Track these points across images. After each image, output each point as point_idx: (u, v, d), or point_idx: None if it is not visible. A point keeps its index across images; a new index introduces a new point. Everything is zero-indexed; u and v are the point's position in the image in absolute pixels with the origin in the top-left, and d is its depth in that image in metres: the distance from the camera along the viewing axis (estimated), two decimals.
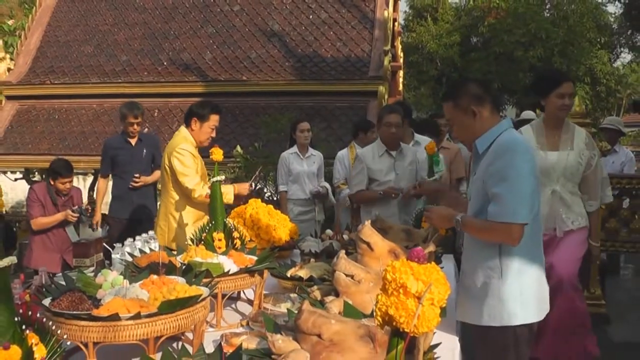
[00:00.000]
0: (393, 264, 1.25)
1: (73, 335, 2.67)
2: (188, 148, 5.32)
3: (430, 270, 1.23)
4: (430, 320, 1.21)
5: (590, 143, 5.28)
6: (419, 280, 1.21)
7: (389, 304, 1.22)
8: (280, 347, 2.17)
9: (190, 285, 3.10)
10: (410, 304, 1.21)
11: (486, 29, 27.00)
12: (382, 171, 5.99)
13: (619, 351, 6.19)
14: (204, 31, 13.21)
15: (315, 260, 4.41)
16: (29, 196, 6.97)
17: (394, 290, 1.22)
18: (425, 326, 1.21)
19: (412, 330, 1.21)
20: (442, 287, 1.22)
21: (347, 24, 12.68)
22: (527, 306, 3.37)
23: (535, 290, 3.42)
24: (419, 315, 1.20)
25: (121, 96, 12.11)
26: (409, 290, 1.21)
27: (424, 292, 1.20)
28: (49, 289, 3.13)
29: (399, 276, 1.22)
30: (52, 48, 13.58)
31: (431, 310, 1.20)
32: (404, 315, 1.21)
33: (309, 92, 11.81)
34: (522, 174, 3.24)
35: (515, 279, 3.34)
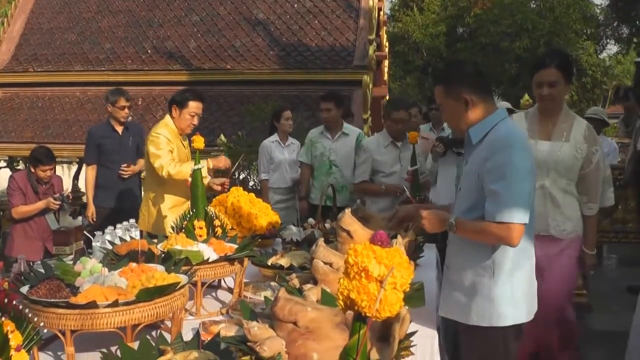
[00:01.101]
0: (355, 247, 1.24)
1: (51, 323, 2.66)
2: (163, 132, 5.39)
3: (392, 254, 1.22)
4: (392, 304, 1.20)
5: (591, 137, 4.50)
6: (382, 264, 1.20)
7: (350, 288, 1.21)
8: (256, 334, 2.16)
9: (169, 273, 3.09)
10: (372, 288, 1.20)
11: (472, 19, 27.07)
12: (387, 163, 6.04)
13: (600, 340, 6.23)
14: (189, 19, 13.15)
15: (297, 248, 4.42)
16: (9, 185, 6.91)
17: (356, 274, 1.22)
18: (388, 310, 1.21)
19: (374, 315, 1.20)
20: (405, 271, 1.21)
21: (332, 13, 12.64)
22: (517, 306, 3.24)
23: (526, 290, 3.30)
24: (380, 300, 1.19)
25: (105, 84, 12.02)
26: (370, 274, 1.20)
27: (386, 276, 1.19)
28: (27, 277, 3.12)
29: (360, 260, 1.21)
30: (35, 35, 13.47)
31: (393, 295, 1.20)
32: (365, 299, 1.20)
33: (293, 81, 11.78)
34: (522, 171, 3.08)
35: (507, 279, 3.21)
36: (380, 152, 6.05)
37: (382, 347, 2.10)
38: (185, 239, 3.81)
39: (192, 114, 5.47)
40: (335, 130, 7.38)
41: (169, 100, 5.55)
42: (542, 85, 4.39)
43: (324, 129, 7.44)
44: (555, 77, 4.34)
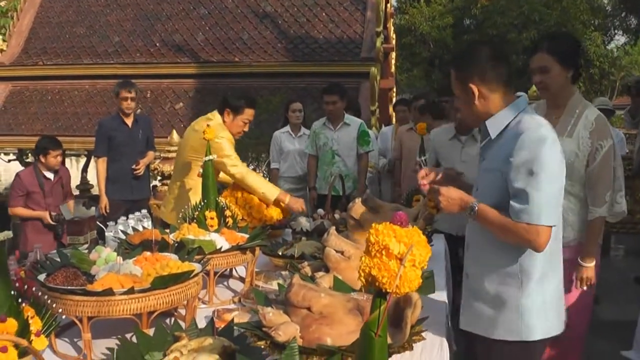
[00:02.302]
0: (376, 226, 1.31)
1: (68, 310, 2.71)
2: (226, 136, 5.15)
3: (412, 233, 1.29)
4: (411, 281, 1.26)
5: (598, 131, 3.94)
6: (401, 243, 1.27)
7: (372, 265, 1.28)
8: (270, 319, 2.22)
9: (183, 262, 3.15)
10: (393, 265, 1.26)
11: (479, 11, 27.02)
12: (448, 159, 5.80)
13: (608, 330, 6.28)
14: (196, 12, 13.18)
15: (307, 238, 4.46)
16: (13, 184, 7.01)
17: (377, 252, 1.28)
18: (407, 286, 1.27)
19: (394, 291, 1.26)
20: (423, 249, 1.28)
21: (340, 5, 12.66)
22: (548, 318, 2.98)
23: (557, 300, 3.04)
24: (400, 276, 1.25)
25: (114, 77, 12.06)
26: (391, 251, 1.26)
27: (405, 254, 1.25)
28: (44, 265, 3.18)
29: (381, 238, 1.28)
30: (44, 29, 13.53)
31: (412, 272, 1.26)
32: (386, 275, 1.26)
33: (301, 73, 11.80)
34: (552, 169, 2.79)
35: (537, 288, 2.93)
36: (443, 145, 5.90)
37: (395, 332, 2.16)
38: (197, 229, 3.87)
39: (246, 120, 5.30)
40: (337, 121, 7.51)
41: (221, 101, 5.36)
42: (534, 72, 4.00)
43: (326, 120, 7.57)
44: (545, 62, 3.90)
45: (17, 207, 6.84)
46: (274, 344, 2.19)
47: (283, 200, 5.09)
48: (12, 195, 6.94)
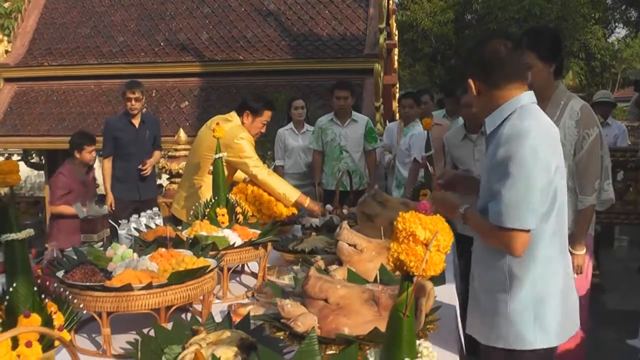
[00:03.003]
0: (403, 215, 1.40)
1: (87, 306, 2.78)
2: (247, 137, 5.18)
3: (436, 221, 1.38)
4: (436, 264, 1.35)
5: (584, 120, 3.99)
6: (427, 229, 1.35)
7: (400, 251, 1.36)
8: (289, 311, 2.28)
9: (198, 258, 3.22)
10: (419, 250, 1.35)
11: (480, 5, 26.97)
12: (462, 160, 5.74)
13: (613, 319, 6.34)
14: (200, 11, 13.23)
15: (316, 234, 4.52)
16: (55, 181, 7.04)
17: (405, 238, 1.37)
18: (432, 270, 1.36)
19: (421, 274, 1.35)
20: (447, 235, 1.37)
21: (342, 3, 12.71)
22: (543, 327, 2.78)
23: (556, 308, 2.80)
24: (426, 260, 1.34)
25: (119, 77, 12.21)
26: (417, 237, 1.35)
27: (431, 240, 1.34)
28: (61, 263, 3.25)
29: (408, 225, 1.37)
30: (49, 30, 13.59)
31: (437, 256, 1.35)
32: (413, 260, 1.35)
33: (305, 70, 11.86)
34: (527, 167, 2.63)
35: (528, 294, 2.76)
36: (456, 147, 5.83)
37: None
38: (210, 225, 3.92)
39: (264, 122, 5.37)
40: (346, 117, 7.60)
41: (240, 103, 5.39)
42: None
43: (333, 116, 7.64)
44: (526, 60, 3.75)
45: (59, 205, 6.88)
46: (292, 334, 2.25)
47: (303, 203, 5.16)
48: (55, 193, 6.94)
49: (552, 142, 2.75)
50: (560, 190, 2.76)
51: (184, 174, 5.75)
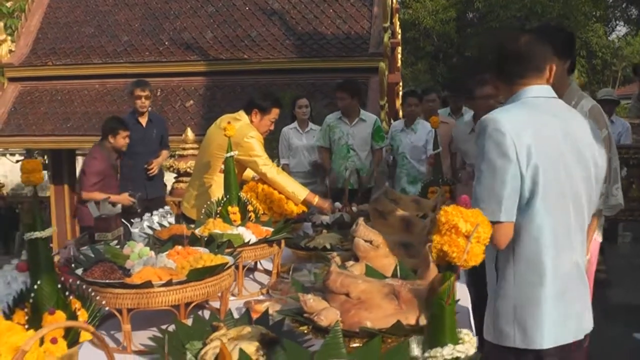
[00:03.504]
0: (445, 208, 1.46)
1: (108, 303, 2.82)
2: (256, 136, 5.22)
3: (476, 214, 1.44)
4: (477, 255, 1.43)
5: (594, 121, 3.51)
6: (468, 222, 1.42)
7: (443, 242, 1.43)
8: (312, 305, 2.32)
9: (215, 255, 3.26)
10: (461, 241, 1.41)
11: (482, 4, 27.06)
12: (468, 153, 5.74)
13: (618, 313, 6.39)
14: (204, 10, 13.25)
15: (327, 231, 4.55)
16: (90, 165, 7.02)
17: (447, 230, 1.44)
18: (473, 260, 1.43)
19: (462, 264, 1.41)
20: (486, 227, 1.44)
21: (347, 1, 12.72)
22: (522, 329, 2.70)
23: (542, 314, 2.68)
24: (468, 251, 1.40)
25: (123, 76, 12.27)
26: (459, 230, 1.42)
27: (472, 232, 1.40)
28: (79, 260, 3.29)
29: (451, 218, 1.44)
30: (52, 29, 13.60)
31: (477, 247, 1.42)
32: (455, 251, 1.41)
33: (309, 69, 11.89)
34: (490, 159, 2.62)
35: (510, 292, 2.72)
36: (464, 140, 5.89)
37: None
38: (223, 223, 3.97)
39: (273, 120, 5.40)
40: (354, 116, 7.63)
41: (248, 102, 5.42)
42: None
43: (341, 115, 7.68)
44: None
45: (93, 192, 6.84)
46: (315, 328, 2.29)
47: (312, 201, 5.20)
48: (90, 179, 6.93)
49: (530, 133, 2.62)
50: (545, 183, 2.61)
51: (194, 172, 5.79)
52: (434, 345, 1.52)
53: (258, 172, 5.18)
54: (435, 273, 2.54)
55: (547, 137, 2.66)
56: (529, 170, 2.59)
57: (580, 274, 2.79)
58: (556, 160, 2.65)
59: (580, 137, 2.75)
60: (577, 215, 2.74)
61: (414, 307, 2.31)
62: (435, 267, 2.62)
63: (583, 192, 2.74)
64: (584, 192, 2.74)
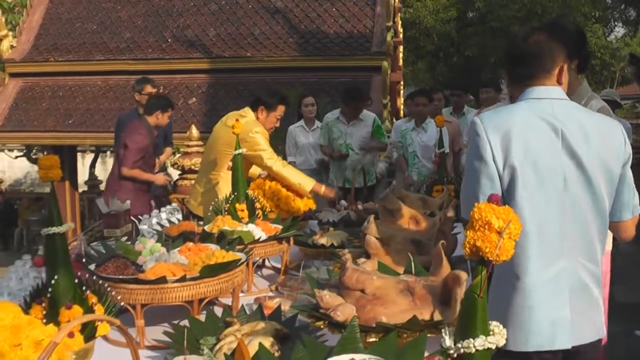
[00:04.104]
0: (478, 205, 1.52)
1: (122, 298, 2.84)
2: (261, 131, 5.29)
3: (507, 211, 1.51)
4: (508, 250, 1.49)
5: None
6: (500, 219, 1.48)
7: (476, 238, 1.49)
8: (328, 301, 2.35)
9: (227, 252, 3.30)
10: (494, 237, 1.47)
11: (482, 3, 27.07)
12: None
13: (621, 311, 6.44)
14: (207, 8, 13.26)
15: (334, 229, 4.59)
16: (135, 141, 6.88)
17: (480, 226, 1.50)
18: (505, 255, 1.49)
19: (495, 258, 1.47)
20: (517, 224, 1.51)
21: (349, 0, 12.75)
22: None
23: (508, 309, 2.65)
24: (500, 247, 1.46)
25: (126, 73, 12.33)
26: (492, 226, 1.48)
27: (504, 228, 1.46)
28: (91, 256, 3.33)
29: (484, 215, 1.50)
30: (54, 25, 13.60)
31: (509, 242, 1.48)
32: (488, 246, 1.47)
33: (312, 67, 11.92)
34: (468, 160, 2.73)
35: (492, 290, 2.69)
36: None
37: (444, 310, 2.30)
38: (231, 220, 4.00)
39: (278, 116, 5.47)
40: (352, 118, 7.72)
41: (254, 99, 5.49)
42: None
43: (340, 114, 7.75)
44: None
45: (134, 169, 6.80)
46: (332, 324, 2.33)
47: (318, 190, 5.29)
48: (133, 155, 6.81)
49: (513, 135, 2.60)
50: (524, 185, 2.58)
51: (200, 170, 5.82)
52: (466, 336, 1.56)
53: (263, 166, 5.23)
54: (448, 270, 2.57)
55: (532, 139, 2.61)
56: (506, 171, 2.59)
57: (578, 282, 2.68)
58: (541, 163, 2.60)
59: (581, 141, 2.64)
60: (574, 220, 2.64)
61: (428, 303, 2.35)
62: (447, 264, 2.66)
63: (583, 196, 2.65)
64: (584, 197, 2.65)
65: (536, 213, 2.59)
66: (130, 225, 4.53)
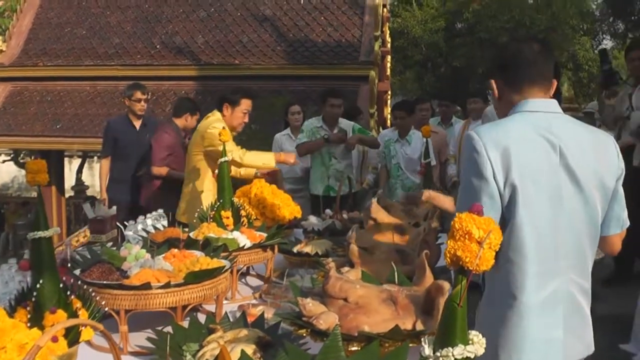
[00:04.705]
0: (459, 215, 1.54)
1: (106, 303, 2.85)
2: (220, 126, 5.30)
3: (488, 221, 1.53)
4: (488, 260, 1.52)
5: None
6: (480, 229, 1.50)
7: (456, 248, 1.52)
8: (310, 309, 2.38)
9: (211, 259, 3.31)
10: (474, 247, 1.50)
11: (471, 14, 27.23)
12: None
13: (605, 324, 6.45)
14: (196, 15, 13.27)
15: (318, 237, 4.61)
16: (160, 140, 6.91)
17: (461, 236, 1.52)
18: (484, 265, 1.51)
19: (475, 268, 1.50)
20: (497, 234, 1.53)
21: (338, 10, 12.80)
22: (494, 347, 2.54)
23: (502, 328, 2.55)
24: (480, 256, 1.49)
25: (114, 79, 12.35)
26: (472, 236, 1.50)
27: (484, 238, 1.49)
28: (76, 261, 3.34)
29: (465, 225, 1.52)
30: (44, 30, 13.58)
31: (489, 252, 1.51)
32: (468, 255, 1.50)
33: (300, 76, 11.94)
34: (465, 177, 2.56)
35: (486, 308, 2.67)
36: None
37: (427, 320, 2.33)
38: (216, 227, 4.01)
39: (245, 111, 5.55)
40: (334, 124, 7.64)
41: (218, 99, 5.66)
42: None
43: (322, 122, 7.68)
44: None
45: (162, 166, 6.79)
46: (314, 332, 2.35)
47: (279, 159, 5.49)
48: (160, 152, 6.82)
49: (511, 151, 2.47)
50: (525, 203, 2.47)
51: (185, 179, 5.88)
52: (445, 345, 1.58)
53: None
54: (431, 280, 2.60)
55: (531, 155, 2.51)
56: (507, 188, 2.46)
57: (570, 300, 2.62)
58: (540, 180, 2.50)
59: (578, 156, 2.55)
60: (569, 237, 2.56)
61: (410, 313, 2.37)
62: (430, 274, 2.69)
63: (578, 212, 2.56)
64: (580, 213, 2.57)
65: (535, 231, 2.49)
66: (116, 230, 4.55)
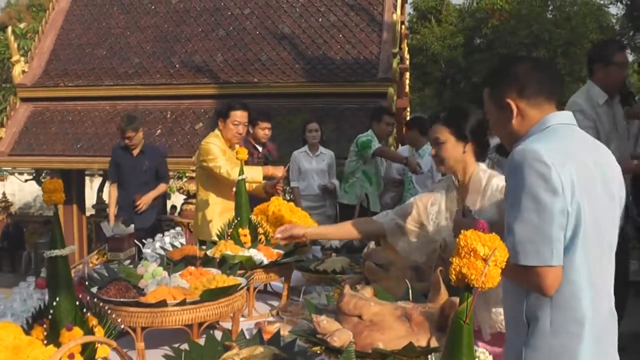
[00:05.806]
0: (465, 233, 1.54)
1: (123, 321, 2.87)
2: (214, 141, 5.54)
3: (493, 238, 1.54)
4: (494, 277, 1.52)
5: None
6: (486, 246, 1.50)
7: (462, 265, 1.52)
8: (325, 327, 2.38)
9: (228, 277, 3.32)
10: (479, 264, 1.50)
11: (490, 30, 27.22)
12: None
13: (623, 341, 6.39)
14: (215, 34, 13.36)
15: (336, 255, 4.61)
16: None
17: (466, 253, 1.53)
18: (490, 282, 1.51)
19: (480, 285, 1.49)
20: (503, 251, 1.53)
21: (356, 27, 12.85)
22: None
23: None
24: (485, 274, 1.48)
25: (134, 98, 12.49)
26: (478, 253, 1.50)
27: (489, 255, 1.48)
28: (94, 279, 3.36)
29: (470, 242, 1.53)
30: (65, 51, 13.73)
31: (495, 270, 1.51)
32: (474, 273, 1.50)
33: (319, 93, 11.97)
34: (533, 194, 2.25)
35: (546, 341, 2.33)
36: None
37: (441, 337, 2.32)
38: (234, 245, 4.02)
39: (236, 122, 5.58)
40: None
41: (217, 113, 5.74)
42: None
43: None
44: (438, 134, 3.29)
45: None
46: (328, 349, 2.34)
47: (267, 173, 5.52)
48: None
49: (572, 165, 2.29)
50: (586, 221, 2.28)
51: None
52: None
53: (217, 175, 5.43)
54: (446, 297, 2.58)
55: (584, 170, 2.34)
56: (573, 206, 2.27)
57: (614, 320, 2.48)
58: (593, 196, 2.33)
59: (607, 170, 2.44)
60: (609, 256, 2.43)
61: (425, 330, 2.37)
62: (445, 291, 2.67)
63: (612, 229, 2.43)
64: (612, 230, 2.44)
65: (593, 251, 2.34)
66: (134, 248, 4.57)
